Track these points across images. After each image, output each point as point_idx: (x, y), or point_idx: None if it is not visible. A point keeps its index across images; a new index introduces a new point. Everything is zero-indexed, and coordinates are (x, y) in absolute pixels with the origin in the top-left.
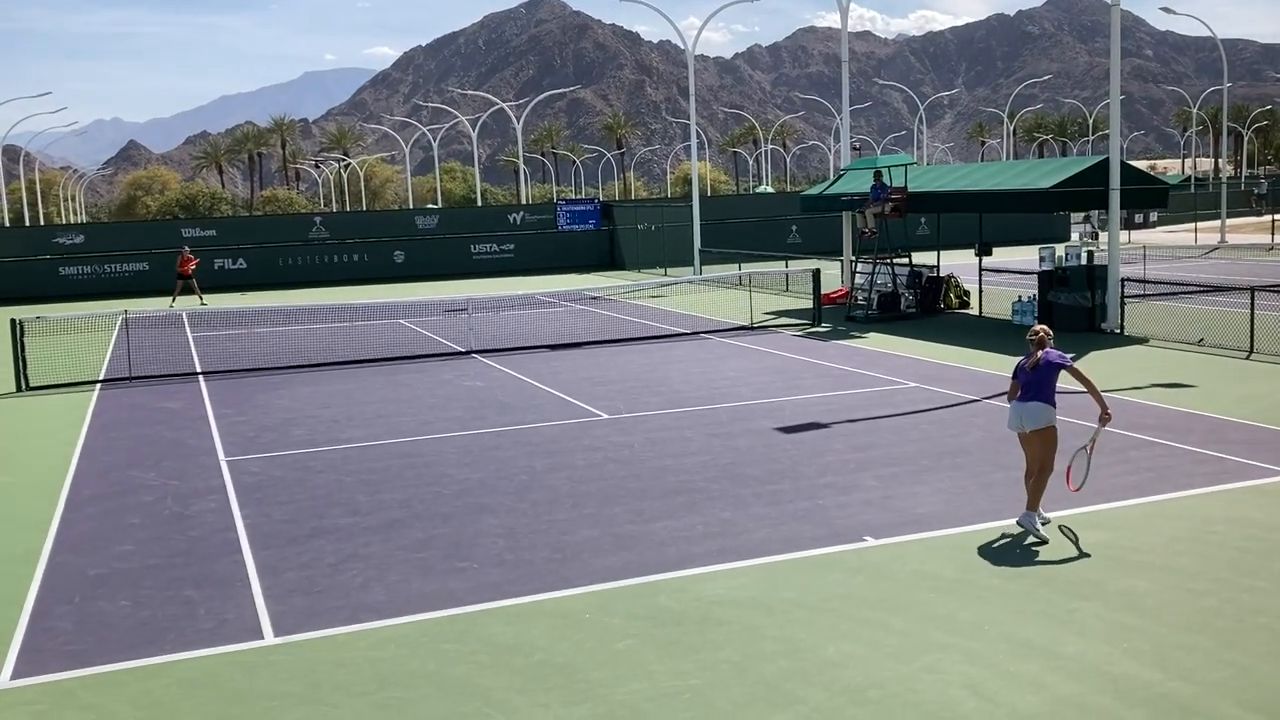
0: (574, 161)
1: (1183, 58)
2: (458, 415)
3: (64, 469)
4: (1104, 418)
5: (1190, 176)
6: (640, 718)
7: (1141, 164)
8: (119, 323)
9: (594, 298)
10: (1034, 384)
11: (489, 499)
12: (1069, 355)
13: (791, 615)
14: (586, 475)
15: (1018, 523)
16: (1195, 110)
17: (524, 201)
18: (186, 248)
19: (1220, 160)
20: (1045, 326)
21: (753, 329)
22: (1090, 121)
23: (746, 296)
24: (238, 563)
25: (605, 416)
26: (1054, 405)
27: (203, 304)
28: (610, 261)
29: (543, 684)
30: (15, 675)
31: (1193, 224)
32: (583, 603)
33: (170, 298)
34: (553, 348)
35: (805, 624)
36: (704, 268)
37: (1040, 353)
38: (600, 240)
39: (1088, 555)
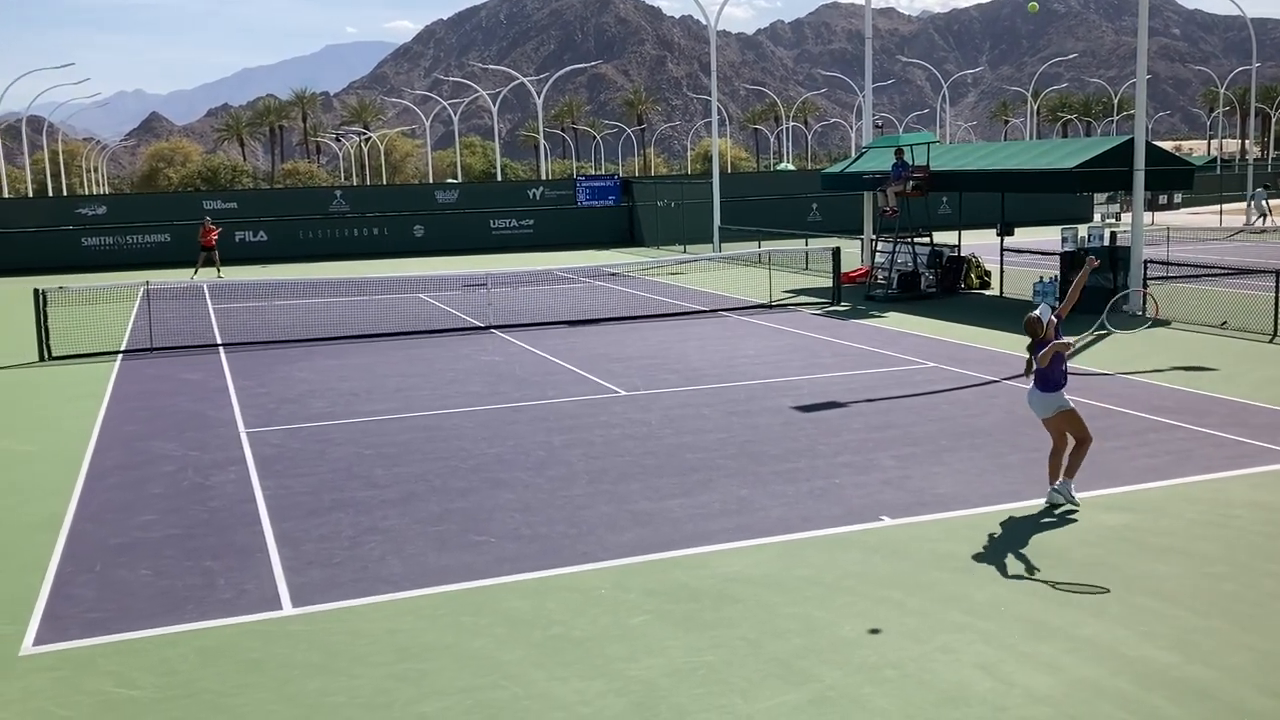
0: (594, 137)
1: (1211, 37)
2: (476, 390)
3: (86, 438)
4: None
5: (1216, 158)
6: (656, 693)
7: (1167, 145)
8: (140, 293)
9: (613, 274)
10: (1044, 371)
11: (506, 474)
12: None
13: (807, 593)
14: (603, 451)
15: (1055, 490)
16: (1222, 90)
17: (544, 177)
18: (208, 219)
19: (1247, 141)
20: (1036, 316)
21: (772, 307)
22: (1115, 101)
23: (766, 274)
24: (257, 534)
25: (623, 393)
26: (1056, 389)
27: (219, 277)
28: (629, 238)
29: (559, 658)
30: (37, 642)
31: (1217, 206)
32: (599, 578)
33: (193, 269)
34: (571, 324)
35: (821, 602)
36: (723, 245)
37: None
38: (619, 216)
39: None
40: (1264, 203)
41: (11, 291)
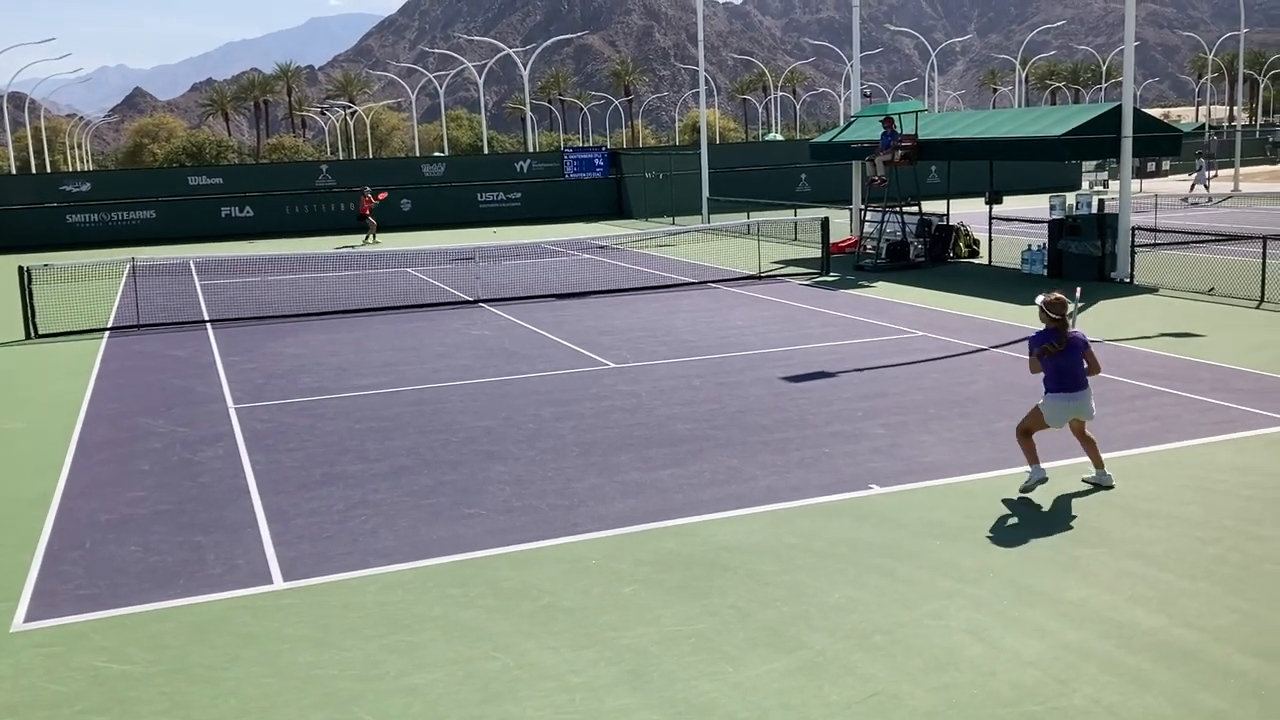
0: (581, 109)
1: (1200, 2)
2: (466, 364)
3: (74, 415)
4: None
5: (1204, 124)
6: (647, 660)
7: (1155, 111)
8: (127, 270)
9: (601, 247)
10: (1072, 368)
11: (497, 447)
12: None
13: (797, 561)
14: (594, 424)
15: (1096, 480)
16: (1211, 57)
17: (531, 149)
18: (368, 187)
19: (1235, 108)
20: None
21: (761, 278)
22: (1104, 68)
23: (755, 245)
24: (247, 509)
25: (612, 365)
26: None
27: (374, 242)
28: (618, 210)
29: (550, 627)
30: (29, 618)
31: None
32: (590, 548)
33: (366, 236)
34: (560, 297)
35: (811, 570)
36: (712, 216)
37: (1068, 333)
38: (608, 189)
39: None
40: (1204, 174)
41: None
